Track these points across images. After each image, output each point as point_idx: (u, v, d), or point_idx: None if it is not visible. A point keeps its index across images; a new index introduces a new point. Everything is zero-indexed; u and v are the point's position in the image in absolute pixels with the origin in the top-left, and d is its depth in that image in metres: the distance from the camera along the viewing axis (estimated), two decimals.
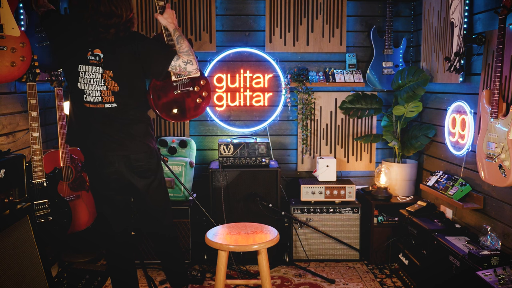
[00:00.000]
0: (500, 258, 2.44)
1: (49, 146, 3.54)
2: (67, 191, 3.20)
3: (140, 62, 2.51)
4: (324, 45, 4.00)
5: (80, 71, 2.43)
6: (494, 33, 2.66)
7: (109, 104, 2.47)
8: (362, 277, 3.45)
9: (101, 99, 2.46)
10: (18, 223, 2.29)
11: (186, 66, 2.56)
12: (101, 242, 2.64)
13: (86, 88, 2.44)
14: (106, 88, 2.45)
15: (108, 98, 2.46)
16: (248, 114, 4.09)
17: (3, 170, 2.24)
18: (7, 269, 2.12)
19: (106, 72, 2.44)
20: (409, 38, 4.03)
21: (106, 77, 2.45)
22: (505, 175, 2.44)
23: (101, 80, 2.44)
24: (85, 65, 2.43)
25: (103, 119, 2.49)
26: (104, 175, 2.53)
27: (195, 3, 3.92)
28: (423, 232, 3.11)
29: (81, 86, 2.45)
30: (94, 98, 2.45)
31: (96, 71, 2.44)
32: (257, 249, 2.46)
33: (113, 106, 2.47)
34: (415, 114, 3.74)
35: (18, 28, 2.44)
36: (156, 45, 2.59)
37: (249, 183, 3.64)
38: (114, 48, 2.46)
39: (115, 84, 2.47)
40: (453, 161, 3.32)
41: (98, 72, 2.44)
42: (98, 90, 2.45)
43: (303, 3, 3.96)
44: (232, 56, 4.02)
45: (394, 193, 3.81)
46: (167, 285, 3.30)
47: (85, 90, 2.44)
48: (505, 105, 2.52)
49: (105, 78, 2.45)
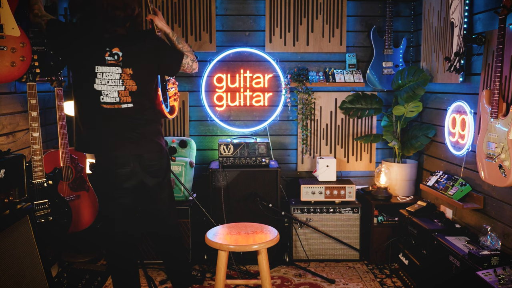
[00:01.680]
0: (500, 258, 2.44)
1: (49, 146, 3.54)
2: (67, 191, 3.20)
3: (156, 60, 2.59)
4: (324, 45, 4.00)
5: (97, 72, 2.46)
6: (494, 33, 2.66)
7: (126, 104, 2.51)
8: (362, 277, 3.45)
9: (119, 100, 2.50)
10: (18, 223, 2.29)
11: (192, 63, 2.71)
12: (102, 242, 2.64)
13: (104, 89, 2.48)
14: (124, 88, 2.50)
15: (125, 99, 2.51)
16: (248, 114, 4.09)
17: (3, 170, 2.24)
18: (7, 269, 2.12)
19: (125, 71, 2.49)
20: (409, 38, 4.03)
21: (124, 76, 2.50)
22: (505, 175, 2.44)
23: (119, 80, 2.49)
24: (103, 66, 2.47)
25: (119, 120, 2.52)
26: (119, 175, 2.54)
27: (195, 3, 3.92)
28: (423, 232, 3.11)
29: (98, 87, 2.48)
30: (111, 99, 2.49)
31: (114, 71, 2.48)
32: (257, 249, 2.46)
33: (129, 106, 2.52)
34: (415, 114, 3.74)
35: (18, 28, 2.44)
36: (168, 43, 2.69)
37: (249, 183, 3.64)
38: (132, 45, 2.52)
39: (133, 84, 2.52)
40: (453, 161, 3.33)
41: (117, 72, 2.49)
42: (116, 90, 2.49)
43: (303, 3, 3.96)
44: (232, 56, 4.02)
45: (394, 193, 3.81)
46: (167, 285, 3.30)
47: (103, 91, 2.48)
48: (505, 105, 2.52)
49: (123, 77, 2.50)
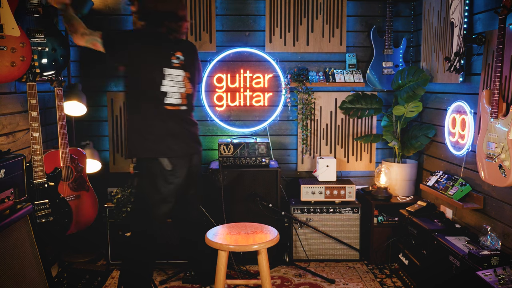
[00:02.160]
0: (500, 258, 2.44)
1: (49, 146, 3.54)
2: (67, 191, 3.20)
3: (196, 64, 2.84)
4: (324, 45, 4.00)
5: (165, 74, 2.60)
6: (494, 33, 2.66)
7: (184, 106, 2.69)
8: (362, 277, 3.45)
9: (180, 101, 2.66)
10: (18, 223, 2.29)
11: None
12: (136, 222, 2.72)
13: (169, 91, 2.61)
14: (184, 90, 2.67)
15: (183, 101, 2.68)
16: (248, 114, 4.09)
17: (3, 170, 2.24)
18: (7, 269, 2.12)
19: (186, 74, 2.68)
20: (409, 38, 4.03)
21: (185, 79, 2.67)
22: (505, 175, 2.44)
23: (181, 82, 2.66)
24: (170, 68, 2.62)
25: (178, 121, 2.68)
26: (184, 173, 2.70)
27: (195, 3, 3.92)
28: (423, 232, 3.11)
29: (164, 88, 2.60)
30: (175, 100, 2.64)
31: (179, 73, 2.65)
32: (257, 249, 2.46)
33: (184, 109, 2.70)
34: (415, 114, 3.74)
35: (18, 28, 2.44)
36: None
37: (249, 183, 3.64)
38: (187, 49, 2.74)
39: (190, 86, 2.71)
40: (453, 161, 3.33)
41: (181, 74, 2.66)
42: (179, 92, 2.65)
43: (303, 3, 3.96)
44: (232, 56, 4.02)
45: (394, 193, 3.81)
46: (167, 285, 3.31)
47: (168, 92, 2.60)
48: (505, 105, 2.52)
49: (184, 80, 2.67)
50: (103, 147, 4.06)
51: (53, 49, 3.02)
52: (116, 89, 4.01)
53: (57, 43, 3.04)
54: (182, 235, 3.16)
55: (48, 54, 2.99)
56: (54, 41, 3.01)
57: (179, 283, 3.34)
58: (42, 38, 2.85)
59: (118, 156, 4.03)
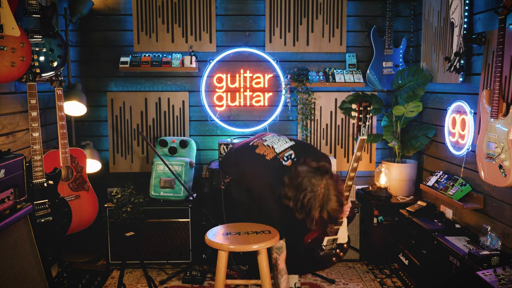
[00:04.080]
0: (500, 258, 2.44)
1: (49, 146, 3.54)
2: (67, 191, 3.20)
3: None
4: (324, 45, 4.00)
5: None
6: (494, 33, 2.66)
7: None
8: (362, 277, 3.45)
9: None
10: (18, 223, 2.29)
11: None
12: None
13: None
14: None
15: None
16: (248, 114, 4.09)
17: (3, 170, 2.24)
18: (7, 269, 2.12)
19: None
20: (409, 38, 4.03)
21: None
22: (505, 175, 2.44)
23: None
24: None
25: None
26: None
27: (195, 3, 3.92)
28: (423, 232, 3.11)
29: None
30: None
31: None
32: (257, 249, 2.46)
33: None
34: (415, 114, 3.74)
35: (18, 28, 2.44)
36: None
37: None
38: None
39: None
40: (453, 161, 3.32)
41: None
42: None
43: (303, 3, 3.96)
44: (232, 56, 4.02)
45: (394, 193, 3.81)
46: (167, 285, 3.31)
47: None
48: (505, 105, 2.52)
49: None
50: (103, 147, 4.06)
51: (50, 49, 3.02)
52: (116, 89, 4.01)
53: (55, 44, 3.04)
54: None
55: (45, 55, 2.99)
56: (51, 41, 3.02)
57: (179, 283, 3.34)
58: (40, 39, 2.85)
59: (118, 156, 4.03)
